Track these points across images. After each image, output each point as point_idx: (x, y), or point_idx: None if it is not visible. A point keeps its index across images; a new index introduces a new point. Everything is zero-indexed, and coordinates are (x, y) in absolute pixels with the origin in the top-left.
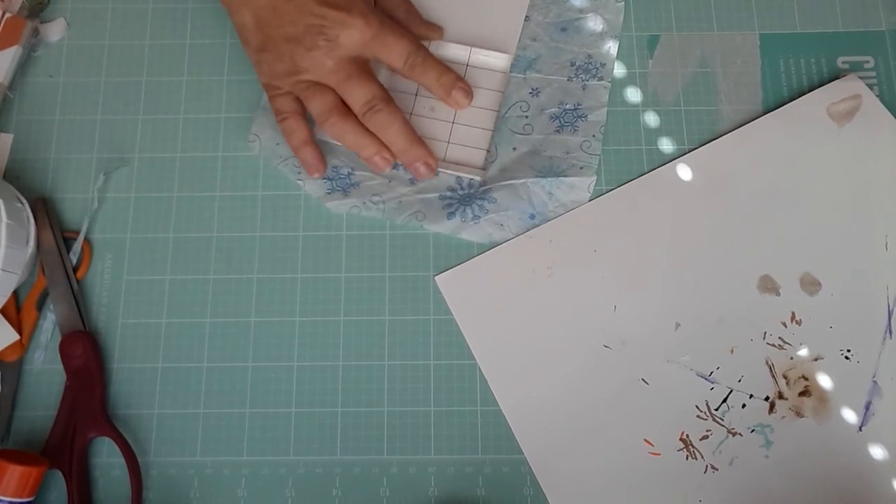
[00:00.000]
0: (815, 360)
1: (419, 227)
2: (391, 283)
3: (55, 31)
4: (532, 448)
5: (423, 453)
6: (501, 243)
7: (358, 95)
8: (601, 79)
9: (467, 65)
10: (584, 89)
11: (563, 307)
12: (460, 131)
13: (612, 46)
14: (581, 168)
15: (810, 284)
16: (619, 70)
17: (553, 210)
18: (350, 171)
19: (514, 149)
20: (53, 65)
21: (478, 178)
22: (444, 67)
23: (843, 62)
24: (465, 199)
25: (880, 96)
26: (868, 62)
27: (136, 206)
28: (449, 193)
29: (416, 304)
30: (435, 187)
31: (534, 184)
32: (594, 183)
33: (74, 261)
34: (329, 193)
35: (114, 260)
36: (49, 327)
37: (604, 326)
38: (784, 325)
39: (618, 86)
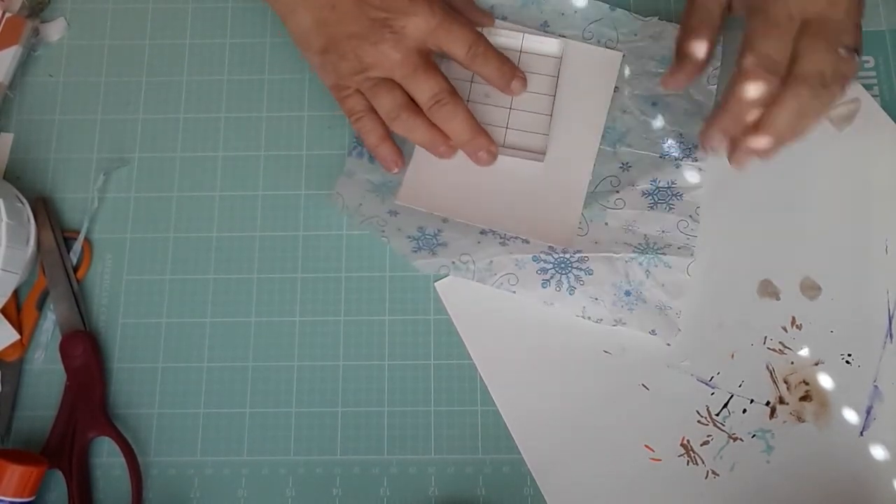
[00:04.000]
0: (816, 364)
1: (511, 291)
2: (391, 283)
3: (55, 30)
4: (532, 454)
5: (423, 453)
6: (593, 318)
7: (425, 88)
8: (695, 160)
9: (520, 51)
10: (677, 168)
11: (563, 313)
12: (518, 116)
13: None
14: (679, 248)
15: (810, 289)
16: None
17: (649, 291)
18: (437, 231)
19: (607, 224)
20: (53, 65)
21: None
22: (504, 58)
23: None
24: (560, 266)
25: (881, 96)
26: (868, 62)
27: (136, 206)
28: (544, 257)
29: (416, 304)
30: (528, 250)
31: (631, 260)
32: (693, 264)
33: (74, 261)
34: (415, 252)
35: (114, 260)
36: (49, 327)
37: (604, 332)
38: (784, 329)
39: None
